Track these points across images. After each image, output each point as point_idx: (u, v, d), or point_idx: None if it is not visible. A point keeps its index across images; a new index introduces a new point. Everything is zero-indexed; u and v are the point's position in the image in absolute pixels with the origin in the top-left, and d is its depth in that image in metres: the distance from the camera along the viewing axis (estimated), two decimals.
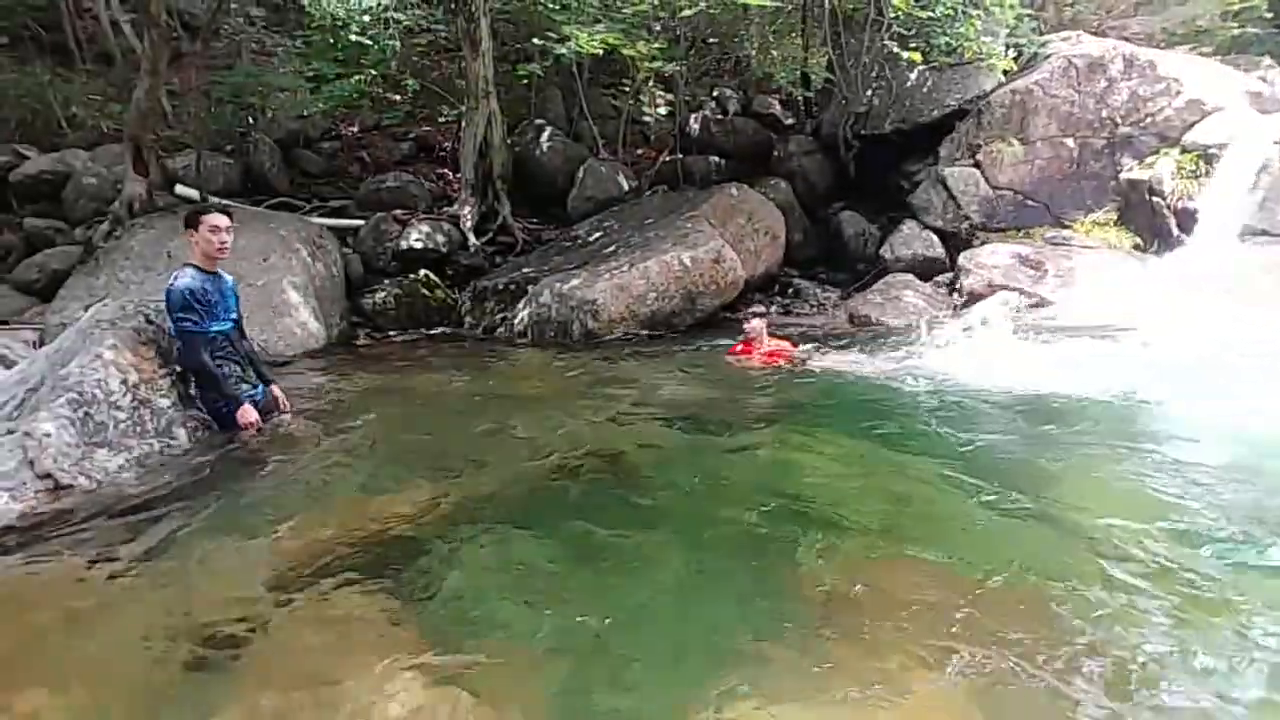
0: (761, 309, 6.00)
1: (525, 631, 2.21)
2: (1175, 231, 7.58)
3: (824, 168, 10.16)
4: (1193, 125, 8.05)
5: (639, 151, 11.02)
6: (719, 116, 11.16)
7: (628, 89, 10.21)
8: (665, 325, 6.98)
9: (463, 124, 9.25)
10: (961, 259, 8.00)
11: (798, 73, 10.57)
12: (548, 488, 3.32)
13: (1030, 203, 8.44)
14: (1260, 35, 14.06)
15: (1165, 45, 11.84)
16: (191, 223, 3.82)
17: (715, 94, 11.91)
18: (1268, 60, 11.24)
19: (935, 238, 8.60)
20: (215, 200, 8.10)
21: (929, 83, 9.21)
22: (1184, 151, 7.89)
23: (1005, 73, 8.88)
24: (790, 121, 11.62)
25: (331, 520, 2.91)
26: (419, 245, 8.51)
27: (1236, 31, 13.95)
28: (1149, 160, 8.09)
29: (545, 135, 9.88)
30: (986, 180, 8.58)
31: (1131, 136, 8.23)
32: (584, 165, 9.64)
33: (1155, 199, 7.81)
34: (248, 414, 3.74)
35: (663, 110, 9.85)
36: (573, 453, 3.76)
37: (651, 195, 9.50)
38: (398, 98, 10.75)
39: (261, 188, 9.13)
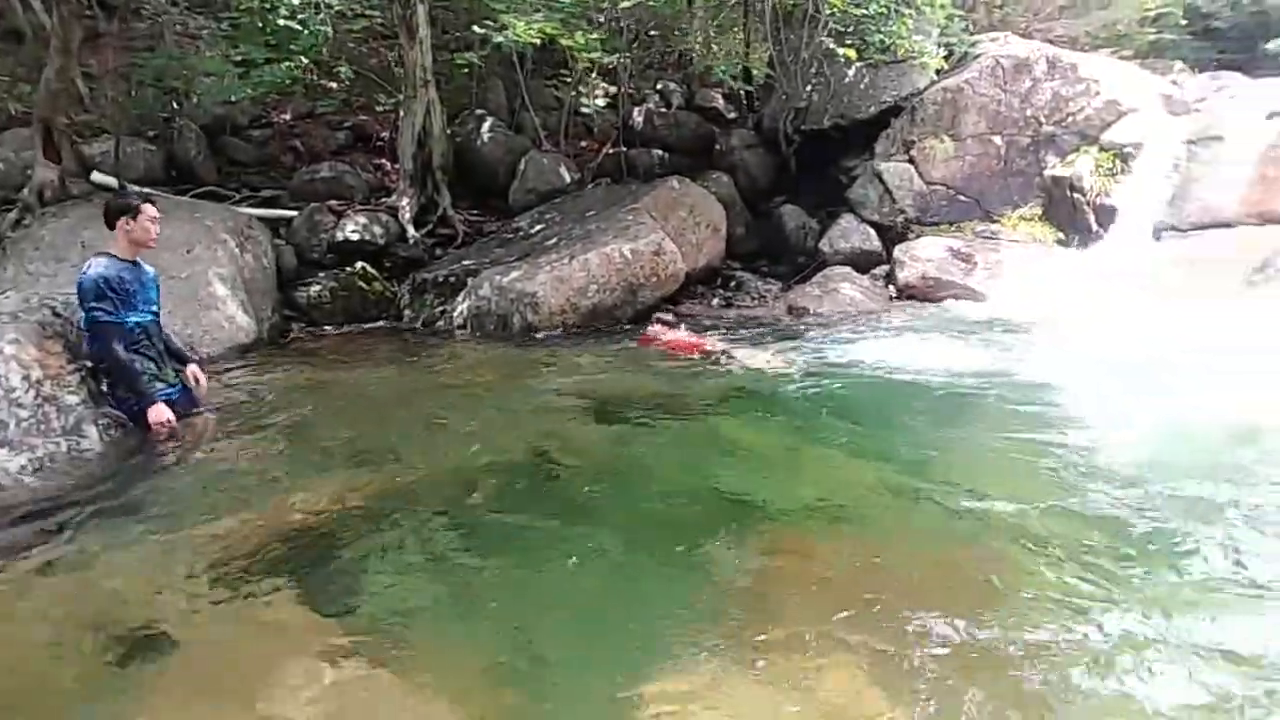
0: (670, 318, 6.26)
1: (448, 624, 2.20)
2: (1094, 227, 7.92)
3: (765, 162, 10.28)
4: (1110, 125, 8.42)
5: (582, 144, 10.96)
6: (662, 110, 11.17)
7: (570, 80, 10.13)
8: (606, 318, 6.98)
9: (401, 113, 9.03)
10: (897, 252, 8.21)
11: (739, 67, 10.66)
12: (477, 481, 3.29)
13: (961, 198, 8.71)
14: (1175, 41, 14.82)
15: (1089, 48, 12.36)
16: (130, 211, 3.67)
17: (659, 87, 11.92)
18: (1180, 65, 11.85)
19: (872, 231, 8.80)
20: (136, 189, 7.74)
21: (866, 80, 9.40)
22: (1102, 150, 8.25)
23: (938, 71, 9.13)
24: (733, 116, 11.72)
25: (250, 518, 2.83)
26: (356, 237, 8.30)
27: (1153, 36, 14.66)
28: (1070, 158, 8.43)
29: (486, 126, 9.73)
30: (920, 176, 8.82)
31: (1054, 135, 8.57)
32: (526, 157, 9.54)
33: (1076, 195, 8.15)
34: (159, 413, 3.58)
35: (602, 101, 9.81)
36: (504, 445, 3.74)
37: (594, 188, 9.46)
38: (333, 85, 10.43)
39: (187, 176, 8.74)
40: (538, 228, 8.57)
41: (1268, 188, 6.73)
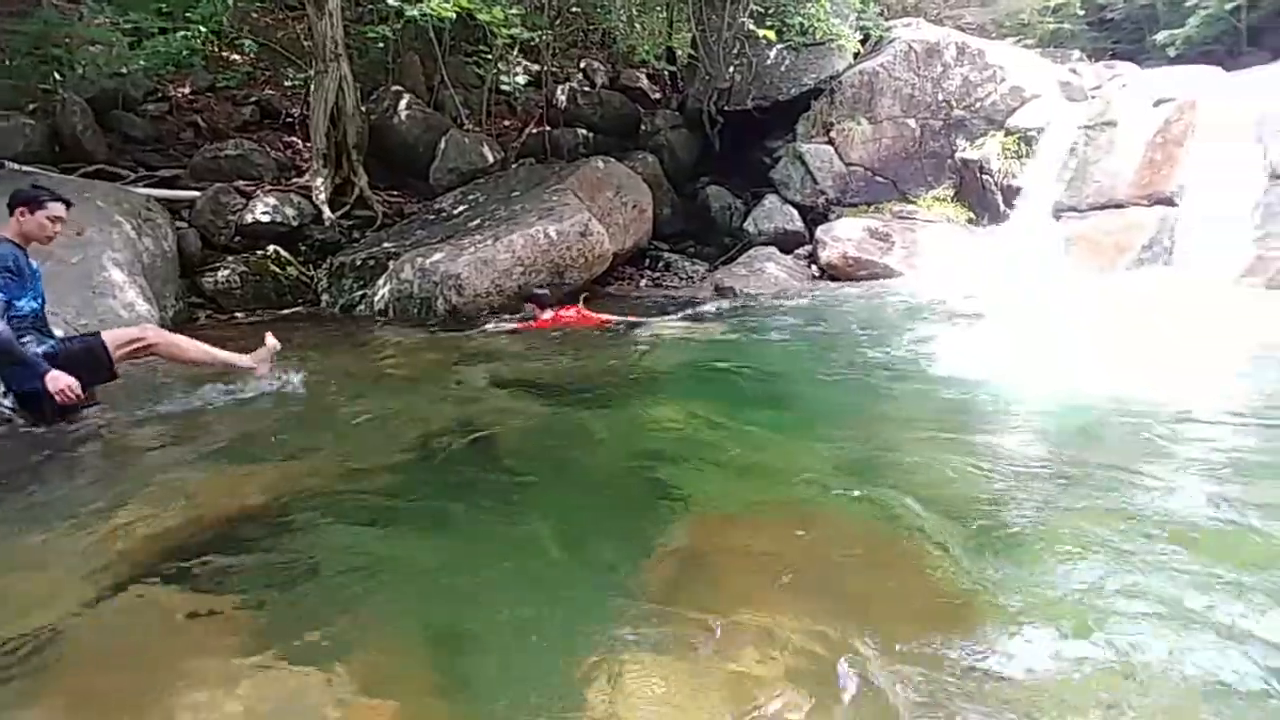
0: (541, 292, 6.39)
1: (373, 615, 2.13)
2: (1002, 207, 8.31)
3: (690, 142, 10.32)
4: (1015, 110, 8.82)
5: (505, 123, 10.74)
6: (586, 89, 11.05)
7: (490, 58, 9.88)
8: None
9: (312, 88, 8.61)
10: (819, 232, 8.41)
11: (663, 47, 10.63)
12: (402, 469, 3.20)
13: (879, 179, 8.98)
14: (1074, 31, 15.62)
15: (996, 36, 12.90)
16: (32, 203, 3.48)
17: (583, 66, 11.77)
18: (1078, 54, 12.50)
19: (795, 212, 8.97)
20: (11, 165, 7.14)
21: (786, 62, 9.53)
22: (1008, 134, 8.64)
23: (855, 55, 9.35)
24: (657, 96, 11.70)
25: (167, 512, 2.66)
26: (266, 219, 7.90)
27: (1054, 26, 15.41)
28: (979, 141, 8.80)
29: (404, 103, 9.39)
30: (840, 157, 9.03)
31: (964, 119, 8.91)
32: (446, 136, 9.27)
33: (985, 177, 8.52)
34: (58, 379, 3.29)
35: (523, 80, 9.61)
36: (430, 431, 3.64)
37: (518, 168, 9.29)
38: (236, 58, 9.86)
39: (74, 153, 8.09)
40: (461, 209, 8.37)
41: (1155, 171, 7.18)
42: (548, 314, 6.23)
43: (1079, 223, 7.53)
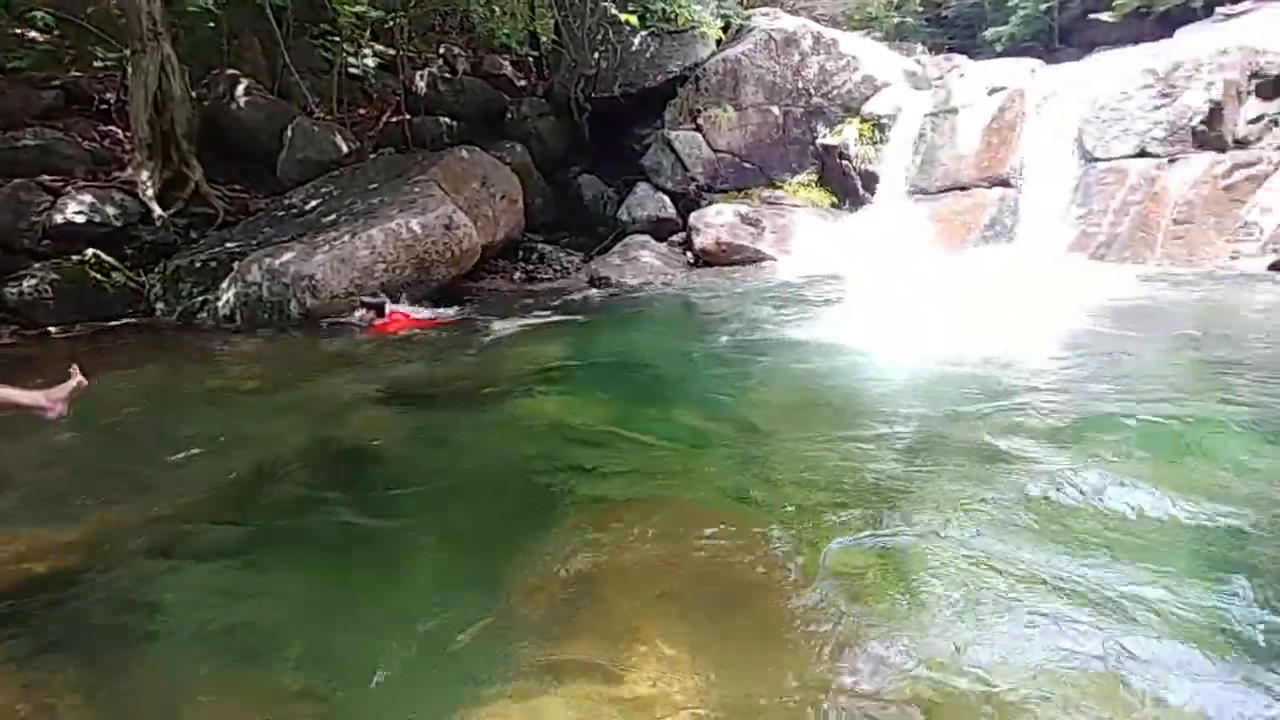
0: (376, 300, 6.01)
1: (220, 684, 1.84)
2: (861, 191, 8.67)
3: (559, 130, 10.10)
4: (869, 98, 9.21)
5: (360, 111, 10.06)
6: (447, 75, 10.55)
7: (338, 39, 9.20)
8: (399, 299, 6.47)
9: (129, 71, 7.66)
10: (692, 219, 8.45)
11: (525, 32, 10.31)
12: (261, 491, 2.88)
13: (746, 165, 9.14)
14: (915, 26, 16.68)
15: (846, 28, 13.48)
16: None
17: (442, 52, 11.23)
18: (920, 47, 13.30)
19: (667, 199, 8.98)
20: None
21: (651, 49, 9.50)
22: (863, 121, 9.02)
23: (718, 42, 9.44)
24: (523, 83, 11.37)
25: None
26: (81, 219, 6.98)
27: (898, 20, 16.38)
28: (838, 128, 9.13)
29: (241, 89, 8.57)
30: (708, 144, 9.11)
31: (823, 106, 9.22)
32: (293, 124, 8.55)
33: (844, 163, 8.86)
34: None
35: (372, 62, 9.01)
36: (291, 447, 3.31)
37: (376, 158, 8.73)
38: (34, 35, 8.61)
39: None
40: (314, 203, 7.75)
41: (993, 154, 7.73)
42: (380, 320, 5.88)
43: (931, 204, 7.98)
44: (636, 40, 9.39)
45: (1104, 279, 5.79)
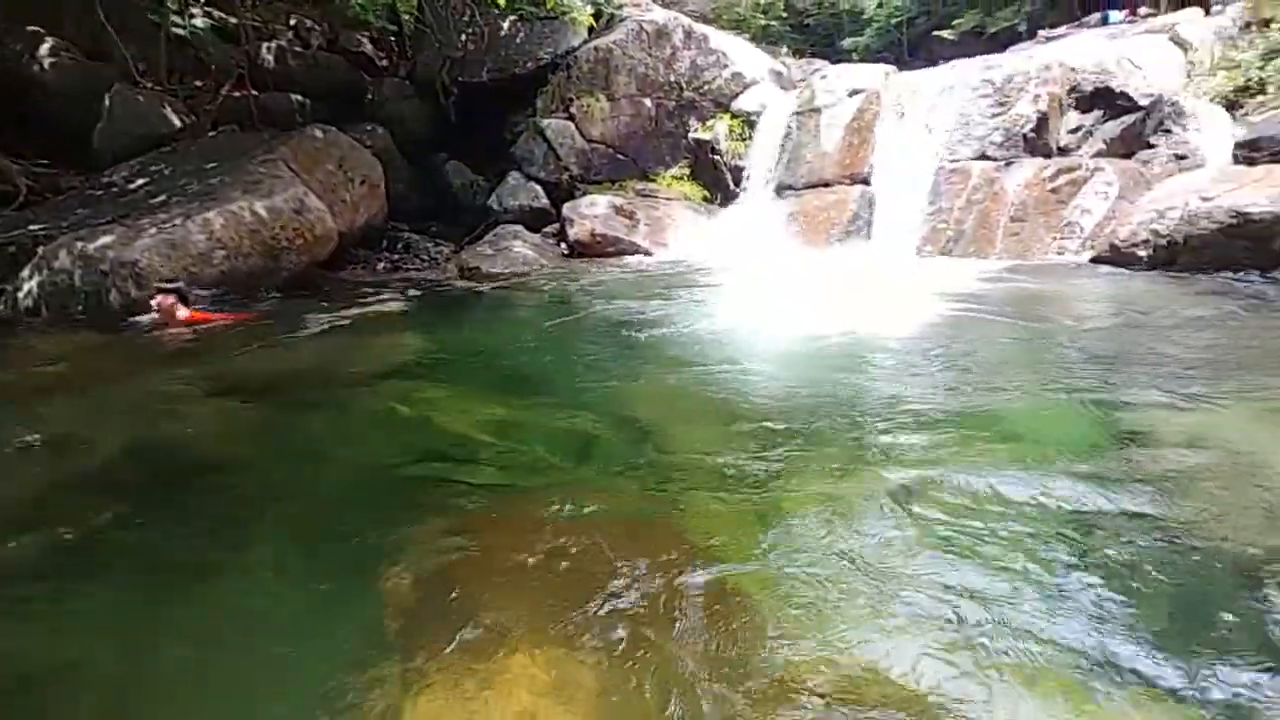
0: (170, 285, 5.12)
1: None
2: (732, 186, 8.84)
3: (425, 115, 9.61)
4: (738, 95, 9.40)
5: (197, 83, 9.09)
6: (299, 49, 9.76)
7: (169, 2, 8.26)
8: (243, 289, 5.88)
9: None
10: (565, 209, 8.28)
11: (383, 7, 9.71)
12: (83, 506, 2.46)
13: (620, 156, 9.07)
14: (781, 31, 17.38)
15: (716, 26, 13.74)
16: None
17: (293, 23, 10.39)
18: (785, 49, 13.81)
19: (540, 189, 8.75)
20: None
21: (522, 34, 9.23)
22: (733, 117, 9.20)
23: (590, 30, 9.31)
24: (384, 63, 10.74)
25: None
26: None
27: (764, 23, 16.99)
28: (709, 123, 9.25)
29: (46, 49, 7.50)
30: (581, 133, 8.97)
31: (694, 100, 9.32)
32: (112, 93, 7.57)
33: (715, 157, 8.99)
34: None
35: (200, 22, 8.16)
36: (115, 455, 2.88)
37: (215, 136, 7.91)
38: None
39: None
40: (139, 182, 6.90)
41: (854, 153, 8.09)
42: (183, 311, 4.99)
43: (797, 199, 8.25)
44: (506, 24, 9.09)
45: (953, 272, 6.19)
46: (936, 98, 7.82)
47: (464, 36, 8.96)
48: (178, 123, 7.80)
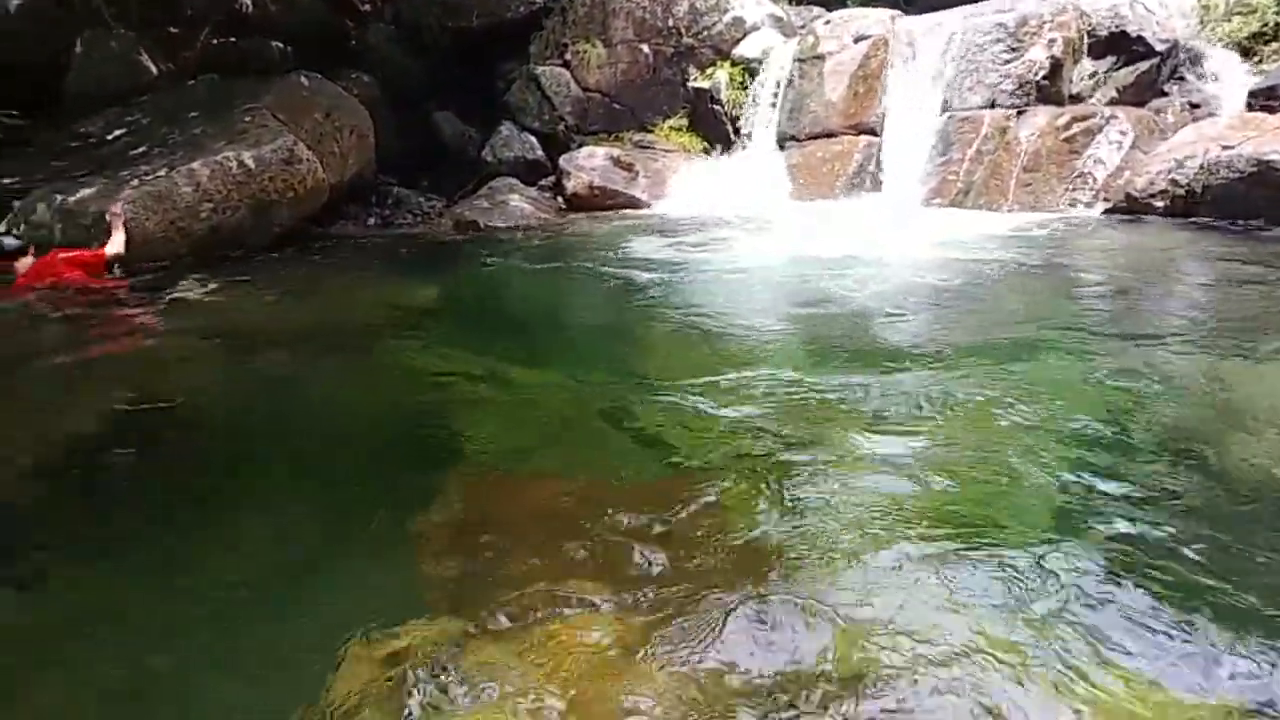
0: (15, 242, 4.74)
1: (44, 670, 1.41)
2: (732, 136, 8.58)
3: (412, 62, 9.20)
4: (739, 41, 9.06)
5: (172, 30, 8.63)
6: None
7: None
8: (232, 244, 5.65)
9: None
10: (562, 161, 8.03)
11: None
12: (68, 466, 2.34)
13: (617, 105, 8.77)
14: None
15: None
16: None
17: None
18: None
19: (534, 140, 8.48)
20: None
21: None
22: (734, 65, 8.88)
23: None
24: (367, 7, 10.23)
25: None
26: None
27: None
28: (709, 71, 8.93)
29: None
30: (577, 82, 8.65)
31: (694, 47, 8.98)
32: (83, 38, 7.17)
33: (715, 107, 8.71)
34: None
35: None
36: (103, 413, 2.75)
37: (194, 84, 7.53)
38: None
39: None
40: (118, 132, 6.58)
41: (859, 103, 7.85)
42: (24, 263, 4.63)
43: (800, 150, 8.02)
44: None
45: (964, 223, 6.05)
46: (945, 44, 7.55)
47: None
48: (155, 70, 7.42)
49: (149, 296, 4.50)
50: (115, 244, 4.84)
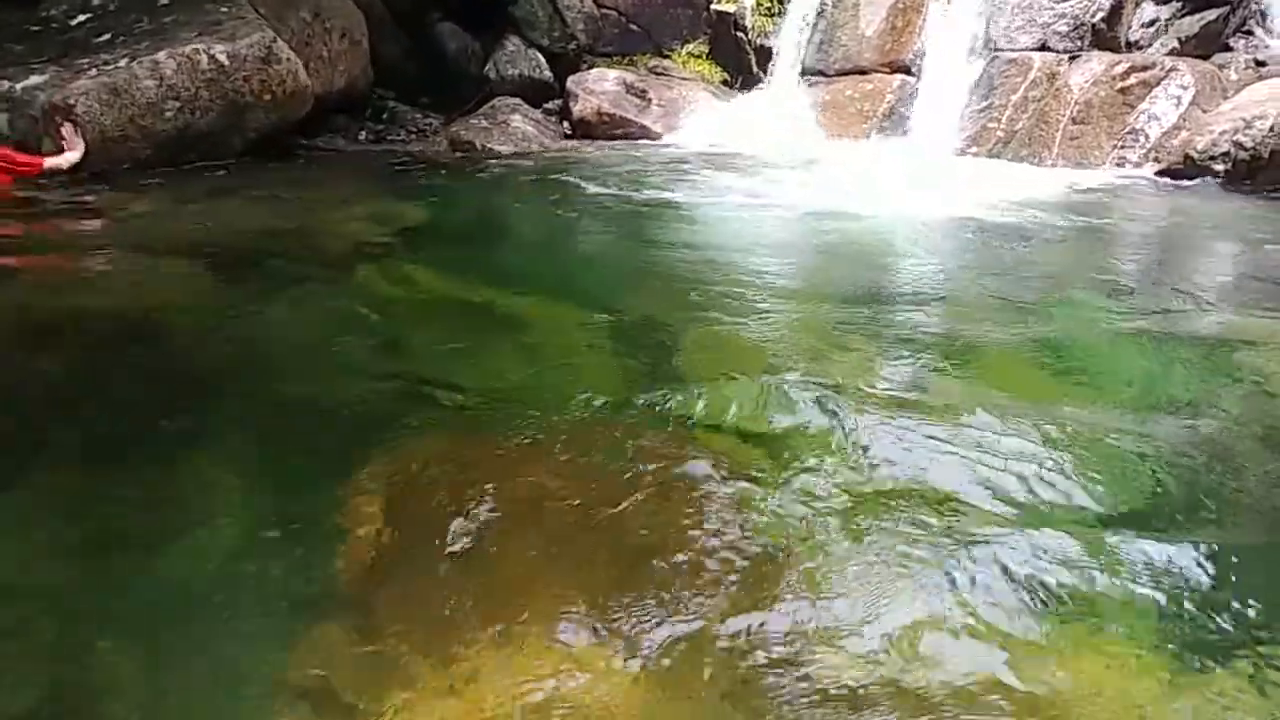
0: None
1: None
2: (755, 68, 7.95)
3: None
4: None
5: None
6: None
7: None
8: (203, 149, 5.16)
9: None
10: (570, 83, 7.44)
11: None
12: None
13: (633, 26, 8.12)
14: None
15: None
16: None
17: None
18: None
19: (542, 58, 7.83)
20: None
21: None
22: None
23: None
24: None
25: None
26: None
27: None
28: None
29: None
30: None
31: None
32: None
33: (739, 34, 8.06)
34: None
35: None
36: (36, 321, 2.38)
37: None
38: None
39: None
40: (82, 18, 5.95)
41: (896, 37, 7.22)
42: None
43: (826, 87, 7.44)
44: None
45: (1005, 175, 5.59)
46: None
47: None
48: None
49: (90, 201, 4.04)
50: (68, 157, 4.37)
